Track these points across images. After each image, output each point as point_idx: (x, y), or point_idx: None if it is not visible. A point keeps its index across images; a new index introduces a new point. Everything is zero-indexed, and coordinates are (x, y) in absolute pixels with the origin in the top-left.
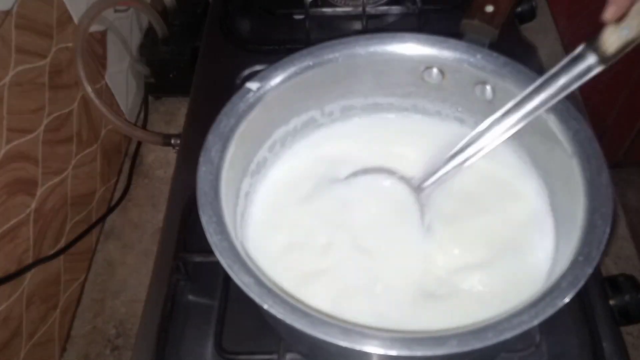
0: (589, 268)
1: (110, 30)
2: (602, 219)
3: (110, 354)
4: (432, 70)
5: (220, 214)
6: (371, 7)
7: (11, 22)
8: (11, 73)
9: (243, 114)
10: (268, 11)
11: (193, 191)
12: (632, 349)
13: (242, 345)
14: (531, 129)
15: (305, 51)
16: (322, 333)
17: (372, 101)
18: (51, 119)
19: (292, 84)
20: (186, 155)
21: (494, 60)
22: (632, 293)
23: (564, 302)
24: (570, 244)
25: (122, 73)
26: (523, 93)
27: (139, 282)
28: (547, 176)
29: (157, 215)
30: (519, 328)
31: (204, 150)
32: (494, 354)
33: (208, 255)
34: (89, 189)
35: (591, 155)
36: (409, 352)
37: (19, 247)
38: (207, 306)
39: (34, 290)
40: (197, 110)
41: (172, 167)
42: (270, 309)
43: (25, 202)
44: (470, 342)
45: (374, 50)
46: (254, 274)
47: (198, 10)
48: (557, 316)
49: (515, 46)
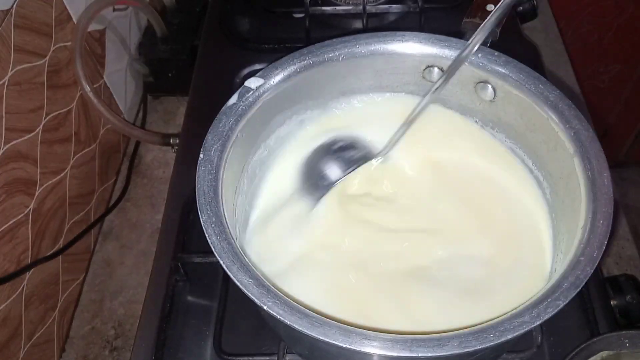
0: (590, 268)
1: (109, 29)
2: (603, 218)
3: (109, 354)
4: (432, 69)
5: (219, 214)
6: (371, 6)
7: (10, 22)
8: (10, 72)
9: (242, 113)
10: (268, 9)
11: (192, 191)
12: None
13: (242, 347)
14: (533, 128)
15: (305, 50)
16: (322, 334)
17: (372, 101)
18: (50, 118)
19: (292, 83)
20: (185, 154)
21: (495, 59)
22: (633, 293)
23: (565, 302)
24: (571, 244)
25: (120, 72)
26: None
27: (138, 282)
28: (548, 176)
29: (156, 216)
30: (520, 329)
31: (203, 150)
32: (495, 354)
33: (207, 255)
34: (87, 188)
35: (592, 154)
36: (409, 353)
37: (17, 247)
38: (206, 307)
39: (32, 290)
40: (196, 110)
41: (170, 166)
42: (270, 310)
43: (24, 202)
44: (471, 343)
45: (375, 49)
46: (254, 275)
47: (197, 9)
48: (558, 317)
49: (516, 45)
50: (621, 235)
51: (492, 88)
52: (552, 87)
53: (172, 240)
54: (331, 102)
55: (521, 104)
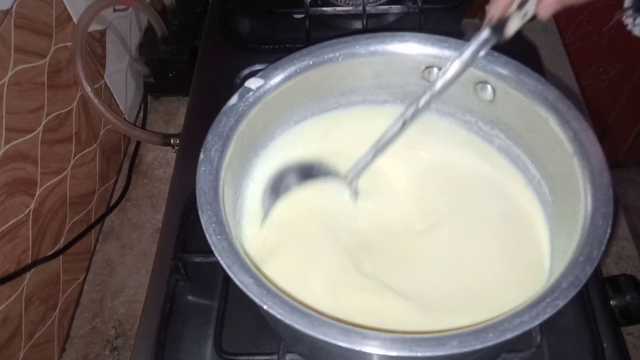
0: (590, 268)
1: (109, 29)
2: (602, 219)
3: (110, 354)
4: (432, 70)
5: (219, 214)
6: (371, 6)
7: (11, 22)
8: (10, 73)
9: (243, 114)
10: (268, 10)
11: (192, 191)
12: (632, 349)
13: (242, 346)
14: (532, 128)
15: (305, 50)
16: (322, 333)
17: (372, 100)
18: (50, 118)
19: (292, 84)
20: (185, 155)
21: (494, 59)
22: (633, 293)
23: (564, 302)
24: (571, 244)
25: (121, 72)
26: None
27: (138, 282)
28: (548, 176)
29: (156, 215)
30: (520, 328)
31: (203, 150)
32: (494, 354)
33: (207, 255)
34: (88, 188)
35: (592, 155)
36: (409, 353)
37: (18, 247)
38: (206, 307)
39: (33, 290)
40: (197, 110)
41: (171, 167)
42: (270, 310)
43: (24, 202)
44: (471, 343)
45: (374, 50)
46: (254, 274)
47: (197, 10)
48: (558, 316)
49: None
50: (621, 235)
51: (491, 88)
52: (552, 87)
53: (173, 240)
54: (331, 102)
55: (521, 104)
